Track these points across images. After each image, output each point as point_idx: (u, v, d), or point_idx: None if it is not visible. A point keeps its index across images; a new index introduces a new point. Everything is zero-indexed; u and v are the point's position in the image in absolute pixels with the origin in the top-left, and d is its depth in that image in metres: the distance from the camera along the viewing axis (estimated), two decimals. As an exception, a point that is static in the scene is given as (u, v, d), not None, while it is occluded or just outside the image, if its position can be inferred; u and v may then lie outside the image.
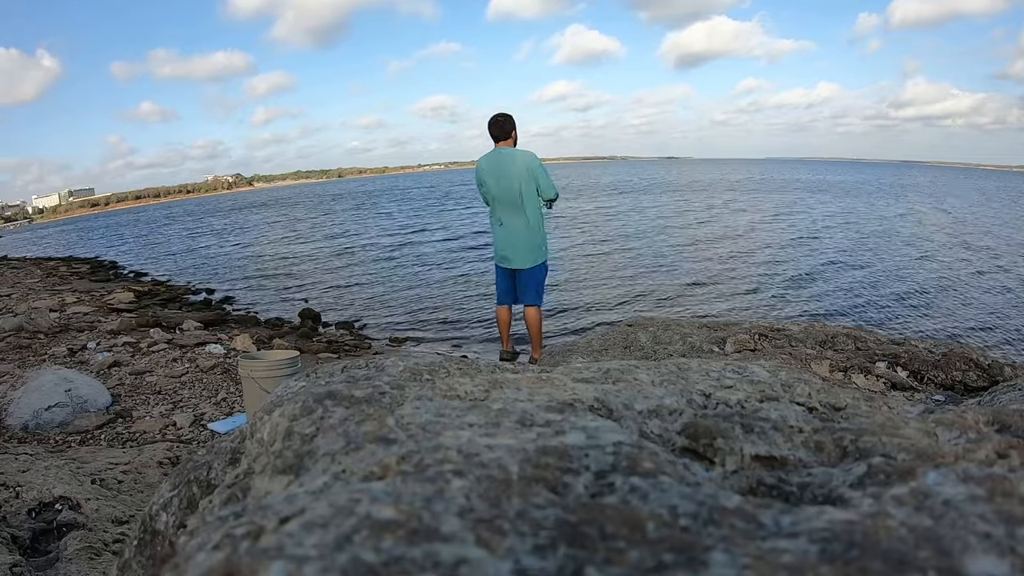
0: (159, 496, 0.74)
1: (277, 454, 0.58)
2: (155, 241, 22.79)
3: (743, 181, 44.22)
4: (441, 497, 0.42)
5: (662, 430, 0.63)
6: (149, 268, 14.96)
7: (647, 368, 0.84)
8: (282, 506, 0.42)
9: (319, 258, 14.02)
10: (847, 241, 13.74)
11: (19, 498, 2.03)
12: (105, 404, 3.71)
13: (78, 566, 1.65)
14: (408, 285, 10.03)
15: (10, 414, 3.39)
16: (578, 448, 0.51)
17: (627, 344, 3.52)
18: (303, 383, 0.79)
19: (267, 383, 2.95)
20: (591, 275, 10.11)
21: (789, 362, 2.81)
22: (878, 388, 2.47)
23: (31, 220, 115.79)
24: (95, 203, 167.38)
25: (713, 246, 13.44)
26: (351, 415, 0.60)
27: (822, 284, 9.04)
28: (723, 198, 29.16)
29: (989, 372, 2.54)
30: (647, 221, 19.08)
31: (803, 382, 0.78)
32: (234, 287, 10.90)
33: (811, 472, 0.53)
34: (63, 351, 5.40)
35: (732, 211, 21.26)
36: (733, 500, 0.44)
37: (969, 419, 0.62)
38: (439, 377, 0.76)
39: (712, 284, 9.14)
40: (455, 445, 0.52)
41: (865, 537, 0.37)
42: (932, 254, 11.84)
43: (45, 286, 11.61)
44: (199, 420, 3.60)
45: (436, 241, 15.11)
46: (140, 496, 2.36)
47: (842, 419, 0.66)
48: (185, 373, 4.62)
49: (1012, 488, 0.43)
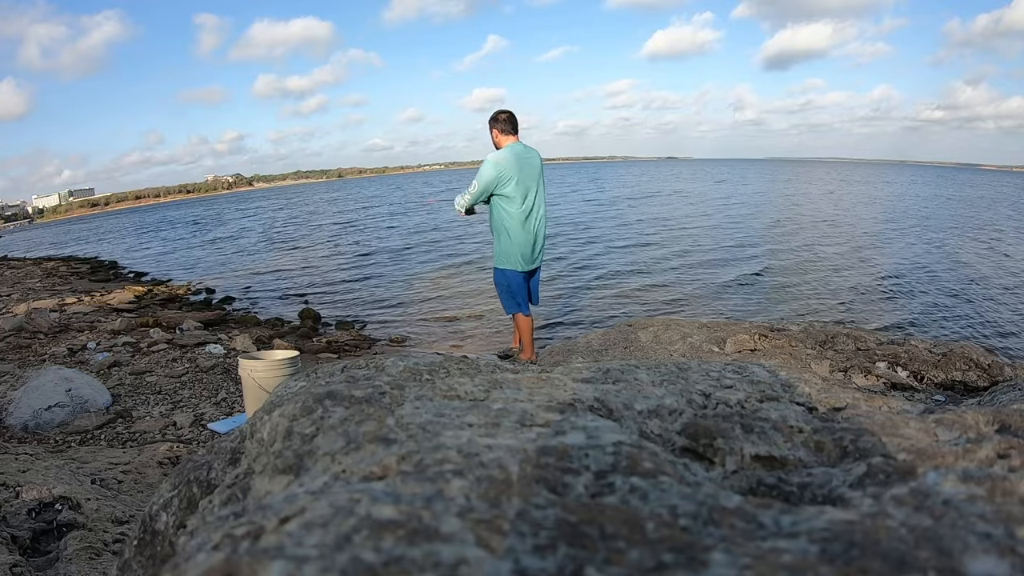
0: (159, 496, 0.74)
1: (277, 454, 0.58)
2: (161, 241, 22.81)
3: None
4: (441, 497, 0.42)
5: (662, 430, 0.63)
6: (149, 268, 14.94)
7: (647, 368, 0.84)
8: (282, 506, 0.42)
9: (319, 258, 14.01)
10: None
11: (19, 498, 2.03)
12: (105, 404, 3.71)
13: (78, 566, 1.65)
14: (408, 285, 10.03)
15: (10, 414, 3.39)
16: (578, 448, 0.51)
17: (627, 344, 3.53)
18: (303, 383, 0.79)
19: (267, 383, 2.95)
20: (594, 275, 10.11)
21: (789, 362, 2.81)
22: (878, 388, 2.47)
23: (31, 220, 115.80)
24: (95, 203, 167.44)
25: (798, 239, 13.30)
26: (351, 415, 0.60)
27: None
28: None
29: (989, 372, 2.54)
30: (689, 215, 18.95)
31: (803, 382, 0.78)
32: (234, 287, 10.90)
33: (811, 472, 0.53)
34: (63, 351, 5.40)
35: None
36: (733, 500, 0.44)
37: (969, 419, 0.62)
38: (439, 377, 0.76)
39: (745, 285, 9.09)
40: (455, 445, 0.52)
41: (865, 537, 0.37)
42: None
43: (45, 286, 11.61)
44: (199, 420, 3.60)
45: (436, 241, 15.11)
46: (140, 496, 2.36)
47: (842, 419, 0.67)
48: (185, 373, 4.62)
49: (1012, 488, 0.43)
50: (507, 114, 3.76)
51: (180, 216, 42.29)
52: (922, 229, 15.12)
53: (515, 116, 3.78)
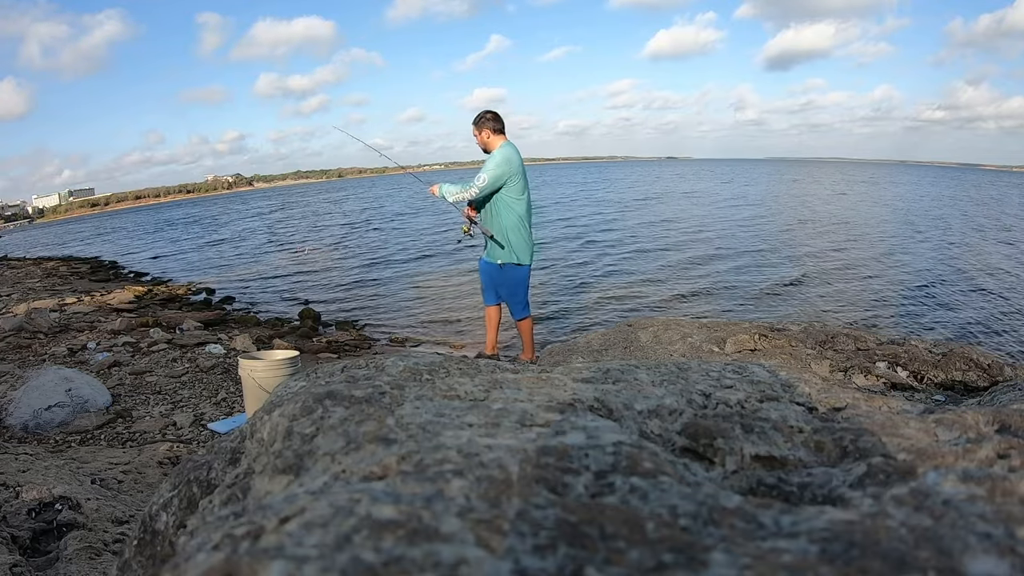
0: (159, 496, 0.74)
1: (277, 454, 0.58)
2: (162, 241, 22.81)
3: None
4: (441, 497, 0.42)
5: (662, 430, 0.63)
6: (149, 268, 14.95)
7: (647, 368, 0.84)
8: (282, 506, 0.42)
9: (319, 258, 14.01)
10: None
11: (19, 498, 2.02)
12: (105, 404, 3.71)
13: (78, 566, 1.65)
14: (409, 285, 10.02)
15: (10, 414, 3.39)
16: (578, 448, 0.51)
17: (627, 344, 3.52)
18: (303, 383, 0.79)
19: (267, 383, 2.95)
20: (592, 275, 10.11)
21: (789, 362, 2.81)
22: (878, 388, 2.47)
23: (31, 220, 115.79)
24: (95, 203, 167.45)
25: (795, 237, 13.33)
26: (351, 415, 0.60)
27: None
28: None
29: (989, 372, 2.54)
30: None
31: (803, 382, 0.78)
32: (234, 287, 10.90)
33: (811, 472, 0.53)
34: (63, 351, 5.40)
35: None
36: (733, 500, 0.44)
37: (969, 419, 0.62)
38: (439, 377, 0.76)
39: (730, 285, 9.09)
40: (455, 445, 0.52)
41: (865, 537, 0.37)
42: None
43: (45, 286, 11.61)
44: (199, 420, 3.60)
45: (436, 241, 15.10)
46: (140, 496, 2.36)
47: (842, 419, 0.67)
48: (185, 373, 4.62)
49: (1012, 488, 0.43)
50: (493, 114, 3.80)
51: (180, 216, 42.28)
52: (943, 231, 15.08)
53: (500, 116, 3.81)
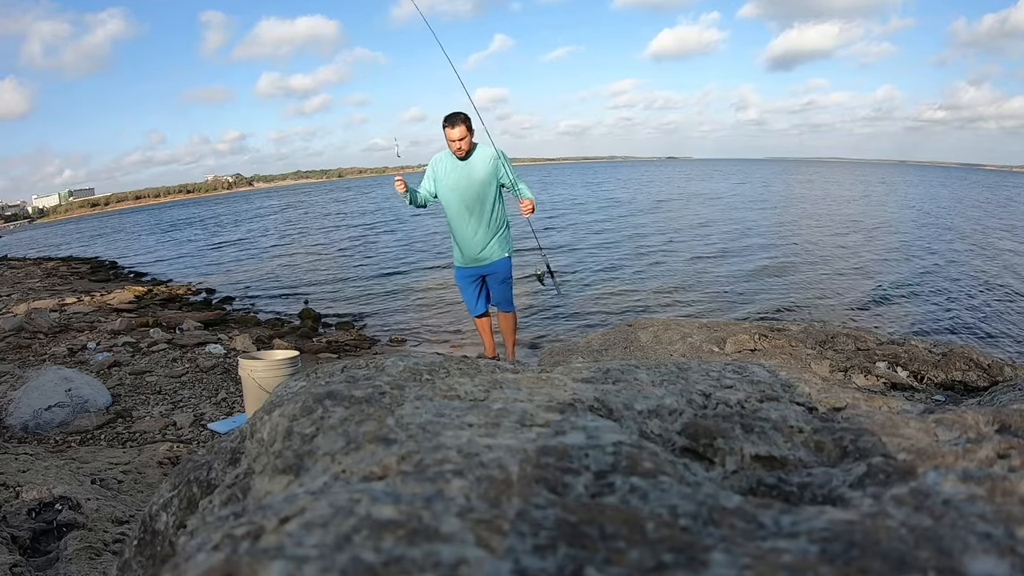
0: (159, 496, 0.74)
1: (277, 454, 0.58)
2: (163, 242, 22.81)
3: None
4: (441, 497, 0.42)
5: (662, 430, 0.63)
6: (149, 268, 14.95)
7: (647, 368, 0.84)
8: (282, 506, 0.42)
9: (319, 258, 14.01)
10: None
11: (19, 498, 2.02)
12: (105, 404, 3.71)
13: (78, 566, 1.65)
14: (409, 285, 10.02)
15: (10, 414, 3.39)
16: (578, 448, 0.51)
17: (627, 344, 3.52)
18: (303, 383, 0.79)
19: (267, 383, 2.95)
20: (592, 275, 10.11)
21: (789, 362, 2.80)
22: (878, 388, 2.47)
23: (31, 220, 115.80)
24: (95, 203, 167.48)
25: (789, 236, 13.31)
26: (351, 415, 0.60)
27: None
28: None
29: (989, 372, 2.54)
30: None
31: (803, 382, 0.78)
32: (234, 287, 10.90)
33: (811, 472, 0.53)
34: (63, 351, 5.40)
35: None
36: (733, 500, 0.44)
37: (969, 419, 0.62)
38: (439, 377, 0.76)
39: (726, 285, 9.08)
40: (455, 445, 0.52)
41: (865, 537, 0.37)
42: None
43: (45, 286, 11.61)
44: (199, 420, 3.59)
45: (437, 243, 15.10)
46: (140, 496, 2.36)
47: (842, 419, 0.66)
48: (185, 373, 4.62)
49: (1012, 488, 0.43)
50: (465, 114, 3.61)
51: (180, 216, 42.28)
52: (981, 232, 14.98)
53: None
